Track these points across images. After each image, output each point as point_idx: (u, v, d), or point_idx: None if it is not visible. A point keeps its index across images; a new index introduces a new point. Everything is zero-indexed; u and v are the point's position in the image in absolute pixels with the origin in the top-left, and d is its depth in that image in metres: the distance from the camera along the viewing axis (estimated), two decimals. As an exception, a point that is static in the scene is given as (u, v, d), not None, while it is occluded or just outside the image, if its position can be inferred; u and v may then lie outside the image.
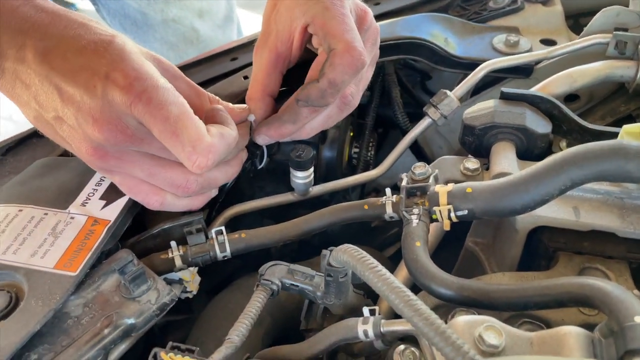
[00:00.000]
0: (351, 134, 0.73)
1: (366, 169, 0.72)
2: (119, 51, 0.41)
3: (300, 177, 0.55)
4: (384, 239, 0.77)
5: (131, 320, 0.41)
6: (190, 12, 0.95)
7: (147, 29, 0.98)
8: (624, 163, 0.38)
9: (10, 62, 0.42)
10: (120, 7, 0.96)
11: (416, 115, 0.79)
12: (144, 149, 0.43)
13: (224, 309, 0.57)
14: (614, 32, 0.57)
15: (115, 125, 0.40)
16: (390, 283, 0.34)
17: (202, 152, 0.40)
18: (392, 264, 0.67)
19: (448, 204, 0.44)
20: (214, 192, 0.51)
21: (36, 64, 0.41)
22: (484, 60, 0.65)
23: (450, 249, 0.58)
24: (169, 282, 0.49)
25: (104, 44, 0.41)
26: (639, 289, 0.43)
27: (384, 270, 0.36)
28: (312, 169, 0.55)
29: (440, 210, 0.44)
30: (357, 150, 0.72)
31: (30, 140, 0.61)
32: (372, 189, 0.77)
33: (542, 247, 0.48)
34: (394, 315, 0.49)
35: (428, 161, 0.75)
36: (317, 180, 0.58)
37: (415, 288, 0.43)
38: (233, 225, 0.58)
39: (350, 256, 0.38)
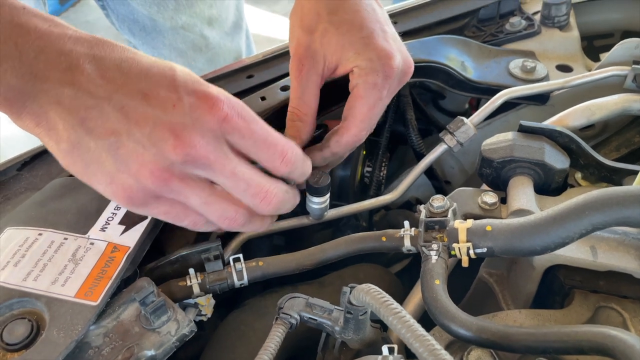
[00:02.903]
0: (364, 152, 0.74)
1: (378, 188, 0.73)
2: (187, 73, 0.42)
3: (317, 203, 0.55)
4: (391, 256, 0.78)
5: (151, 352, 0.41)
6: (199, 20, 0.94)
7: (155, 35, 0.97)
8: (646, 210, 0.39)
9: (50, 84, 0.39)
10: (129, 13, 0.95)
11: (427, 132, 0.79)
12: (213, 172, 0.43)
13: (237, 330, 0.57)
14: (633, 66, 0.58)
15: (198, 142, 0.41)
16: (415, 330, 0.35)
17: (291, 149, 0.45)
18: (398, 280, 0.68)
19: (467, 241, 0.44)
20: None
21: (94, 87, 0.40)
22: (501, 86, 0.66)
23: (459, 272, 0.59)
24: (185, 307, 0.50)
25: (167, 68, 0.42)
26: (653, 329, 0.44)
27: (408, 316, 0.36)
28: (328, 195, 0.55)
29: (459, 247, 0.44)
30: (369, 169, 0.73)
31: (45, 154, 0.61)
32: (382, 207, 0.77)
33: (558, 284, 0.48)
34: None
35: (439, 180, 0.77)
36: (329, 198, 0.58)
37: (426, 318, 0.43)
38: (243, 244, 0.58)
39: (372, 298, 0.38)
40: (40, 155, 0.61)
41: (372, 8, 0.54)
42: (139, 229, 0.48)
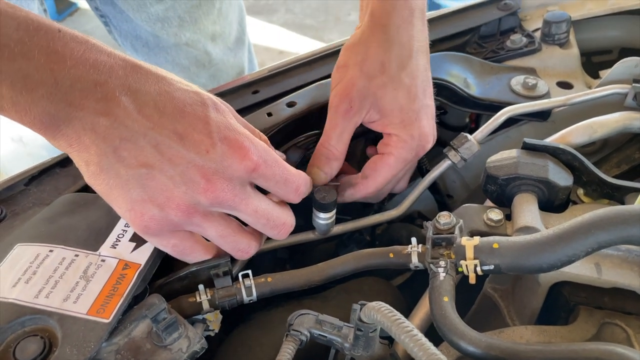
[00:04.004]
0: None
1: (381, 203, 0.73)
2: (218, 113, 0.45)
3: (323, 218, 0.56)
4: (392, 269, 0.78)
5: (163, 369, 0.41)
6: (203, 36, 0.95)
7: (158, 51, 0.98)
8: (650, 230, 0.39)
9: (85, 113, 0.41)
10: (132, 29, 0.96)
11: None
12: (237, 212, 0.47)
13: (244, 345, 0.57)
14: (633, 84, 0.59)
15: (226, 188, 0.44)
16: (427, 349, 0.35)
17: (304, 183, 0.51)
18: (400, 294, 0.69)
19: (474, 258, 0.45)
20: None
21: (130, 120, 0.42)
22: (503, 102, 0.67)
23: (463, 287, 0.59)
24: (193, 322, 0.50)
25: (201, 106, 0.44)
26: (657, 346, 0.45)
27: (420, 335, 0.36)
28: (334, 210, 0.56)
29: (466, 265, 0.45)
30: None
31: (53, 170, 0.61)
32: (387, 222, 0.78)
33: (563, 301, 0.49)
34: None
35: (441, 194, 0.78)
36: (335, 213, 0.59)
37: (434, 331, 0.44)
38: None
39: (383, 316, 0.39)
40: (47, 171, 0.61)
41: (426, 77, 0.57)
42: (150, 246, 0.48)
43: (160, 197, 0.43)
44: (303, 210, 0.59)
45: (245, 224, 0.50)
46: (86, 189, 0.59)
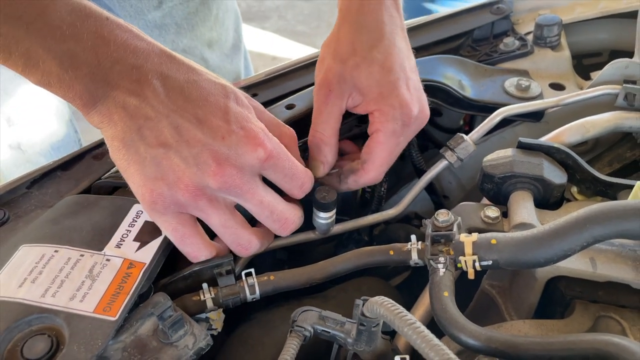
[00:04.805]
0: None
1: (379, 203, 0.74)
2: (239, 103, 0.48)
3: (323, 218, 0.57)
4: (390, 269, 0.79)
5: (170, 366, 0.42)
6: (200, 42, 0.96)
7: None
8: (644, 223, 0.41)
9: (119, 92, 0.44)
10: None
11: (423, 147, 0.81)
12: (244, 199, 0.48)
13: (245, 344, 0.58)
14: (624, 85, 0.60)
15: (236, 174, 0.46)
16: (430, 340, 0.36)
17: (309, 181, 0.53)
18: (398, 293, 0.70)
19: (473, 254, 0.46)
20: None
21: (157, 102, 0.45)
22: (497, 103, 0.68)
23: (461, 284, 0.60)
24: (196, 321, 0.51)
25: (223, 97, 0.47)
26: (651, 337, 0.46)
27: (422, 327, 0.37)
28: (334, 210, 0.57)
29: (465, 260, 0.46)
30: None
31: (54, 172, 0.62)
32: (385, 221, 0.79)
33: (559, 295, 0.50)
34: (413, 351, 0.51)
35: (437, 195, 0.79)
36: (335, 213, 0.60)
37: (434, 326, 0.44)
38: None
39: (386, 310, 0.40)
40: (49, 174, 0.62)
41: (403, 54, 0.58)
42: (154, 245, 0.49)
43: (172, 176, 0.45)
44: (303, 211, 0.60)
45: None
46: (88, 190, 0.60)
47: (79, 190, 0.60)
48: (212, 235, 0.51)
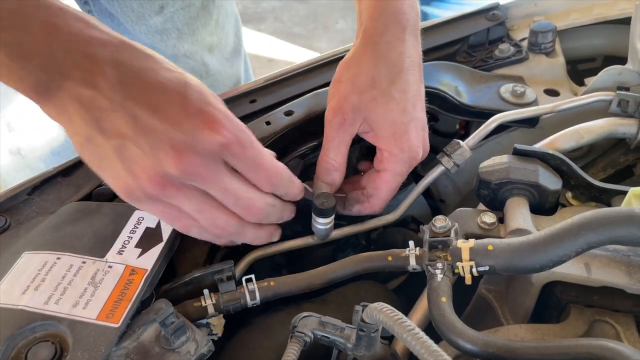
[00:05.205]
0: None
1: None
2: (200, 92, 0.46)
3: (322, 224, 0.58)
4: (387, 273, 0.80)
5: (172, 372, 0.42)
6: (200, 47, 0.97)
7: None
8: (636, 230, 0.41)
9: (72, 83, 0.43)
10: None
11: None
12: (207, 186, 0.47)
13: (245, 349, 0.58)
14: (617, 92, 0.61)
15: (196, 161, 0.44)
16: (429, 346, 0.37)
17: (277, 175, 0.50)
18: (396, 297, 0.70)
19: (470, 259, 0.47)
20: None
21: (111, 91, 0.43)
22: (493, 109, 0.69)
23: (458, 288, 0.61)
24: (197, 326, 0.51)
25: (183, 84, 0.45)
26: (645, 341, 0.47)
27: (421, 333, 0.38)
28: (333, 216, 0.58)
29: (462, 266, 0.47)
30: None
31: (55, 179, 0.62)
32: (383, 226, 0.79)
33: (554, 300, 0.51)
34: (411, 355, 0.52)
35: (434, 199, 0.80)
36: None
37: (431, 329, 0.45)
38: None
39: (386, 316, 0.40)
40: (49, 180, 0.62)
41: (417, 91, 0.59)
42: (155, 252, 0.50)
43: (134, 167, 0.44)
44: (302, 216, 0.61)
45: None
46: (89, 197, 0.61)
47: (79, 196, 0.60)
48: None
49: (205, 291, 0.50)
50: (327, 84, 0.70)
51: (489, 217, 0.53)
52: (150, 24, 0.91)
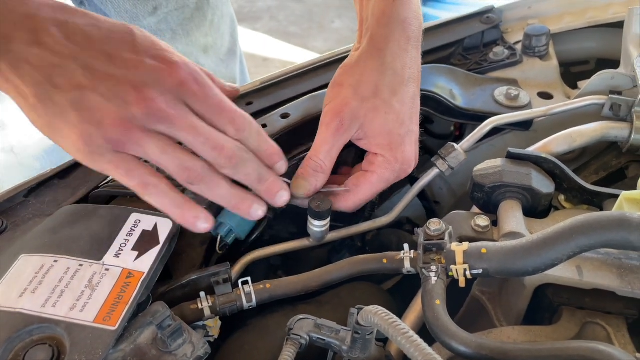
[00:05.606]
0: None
1: (372, 210, 0.76)
2: (149, 37, 0.47)
3: (318, 226, 0.58)
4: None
5: (169, 374, 0.43)
6: (195, 48, 0.97)
7: None
8: (627, 234, 0.42)
9: (17, 44, 0.43)
10: None
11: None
12: (173, 127, 0.46)
13: (240, 350, 0.59)
14: (610, 96, 0.62)
15: (159, 98, 0.45)
16: (423, 349, 0.37)
17: (240, 116, 0.50)
18: (390, 297, 0.71)
19: (464, 262, 0.47)
20: (204, 220, 0.50)
21: (60, 46, 0.44)
22: (487, 112, 0.70)
23: (452, 290, 0.62)
24: (194, 328, 0.52)
25: (129, 32, 0.46)
26: (636, 342, 0.48)
27: (416, 336, 0.39)
28: (329, 219, 0.58)
29: (456, 269, 0.47)
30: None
31: (51, 181, 0.63)
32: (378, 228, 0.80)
33: (547, 302, 0.52)
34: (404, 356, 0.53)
35: (429, 201, 0.80)
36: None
37: (425, 332, 0.46)
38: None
39: (381, 319, 0.41)
40: (45, 182, 0.62)
41: (414, 103, 0.59)
42: (152, 254, 0.50)
43: (96, 115, 0.44)
44: (298, 219, 0.61)
45: None
46: (85, 199, 0.61)
47: (76, 198, 0.60)
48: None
49: (202, 294, 0.50)
50: (323, 87, 0.71)
51: (483, 220, 0.54)
52: (144, 25, 0.91)
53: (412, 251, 0.51)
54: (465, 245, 0.48)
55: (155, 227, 0.53)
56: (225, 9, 1.04)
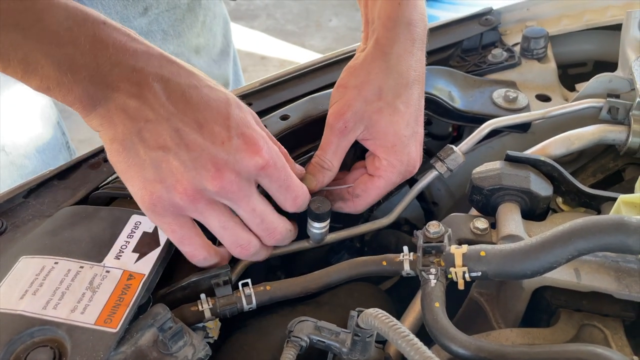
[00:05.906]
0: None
1: (371, 211, 0.76)
2: (241, 112, 0.49)
3: (317, 228, 0.58)
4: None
5: (170, 376, 0.43)
6: (187, 49, 0.96)
7: None
8: (625, 238, 0.43)
9: (120, 94, 0.45)
10: None
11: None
12: (237, 205, 0.49)
13: (240, 351, 0.59)
14: (607, 99, 0.63)
15: (233, 179, 0.47)
16: (423, 352, 0.38)
17: (302, 195, 0.54)
18: (389, 298, 0.71)
19: (463, 265, 0.48)
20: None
21: (158, 105, 0.46)
22: (486, 115, 0.70)
23: (450, 291, 0.62)
24: (193, 330, 0.52)
25: (225, 103, 0.48)
26: (633, 344, 0.48)
27: (415, 339, 0.39)
28: (328, 220, 0.58)
29: (455, 272, 0.48)
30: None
31: (51, 182, 0.62)
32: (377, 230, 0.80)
33: (545, 304, 0.52)
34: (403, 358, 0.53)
35: (427, 202, 0.81)
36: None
37: (424, 333, 0.46)
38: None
39: (381, 322, 0.41)
40: (45, 183, 0.62)
41: (419, 105, 0.60)
42: (153, 256, 0.50)
43: (170, 179, 0.46)
44: (297, 221, 0.61)
45: None
46: (85, 200, 0.61)
47: (75, 199, 0.60)
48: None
49: (202, 296, 0.51)
50: (323, 88, 0.71)
51: (482, 223, 0.54)
52: (135, 26, 0.90)
53: (412, 254, 0.52)
54: (465, 247, 0.48)
55: (156, 228, 0.53)
56: (218, 10, 1.04)
